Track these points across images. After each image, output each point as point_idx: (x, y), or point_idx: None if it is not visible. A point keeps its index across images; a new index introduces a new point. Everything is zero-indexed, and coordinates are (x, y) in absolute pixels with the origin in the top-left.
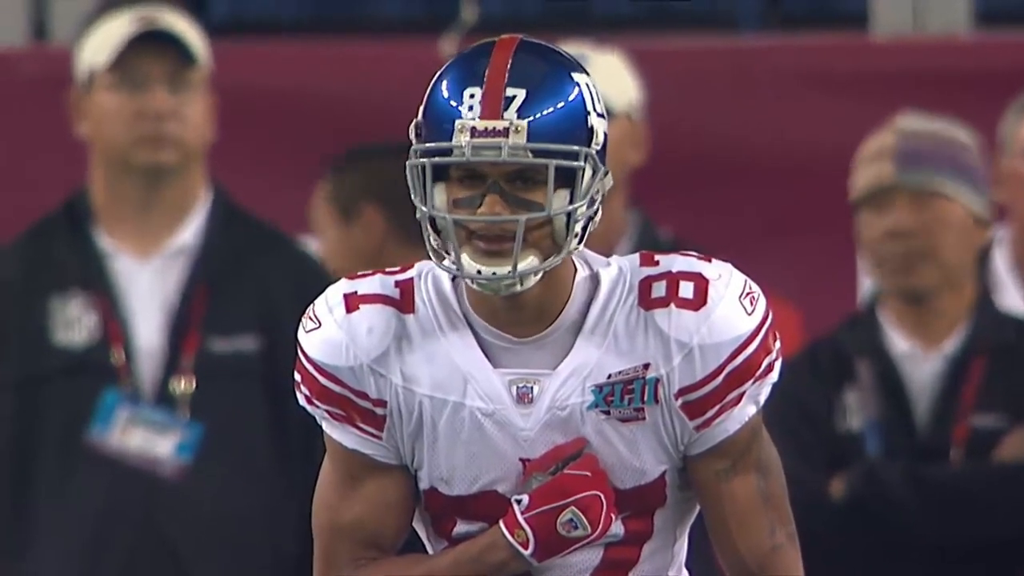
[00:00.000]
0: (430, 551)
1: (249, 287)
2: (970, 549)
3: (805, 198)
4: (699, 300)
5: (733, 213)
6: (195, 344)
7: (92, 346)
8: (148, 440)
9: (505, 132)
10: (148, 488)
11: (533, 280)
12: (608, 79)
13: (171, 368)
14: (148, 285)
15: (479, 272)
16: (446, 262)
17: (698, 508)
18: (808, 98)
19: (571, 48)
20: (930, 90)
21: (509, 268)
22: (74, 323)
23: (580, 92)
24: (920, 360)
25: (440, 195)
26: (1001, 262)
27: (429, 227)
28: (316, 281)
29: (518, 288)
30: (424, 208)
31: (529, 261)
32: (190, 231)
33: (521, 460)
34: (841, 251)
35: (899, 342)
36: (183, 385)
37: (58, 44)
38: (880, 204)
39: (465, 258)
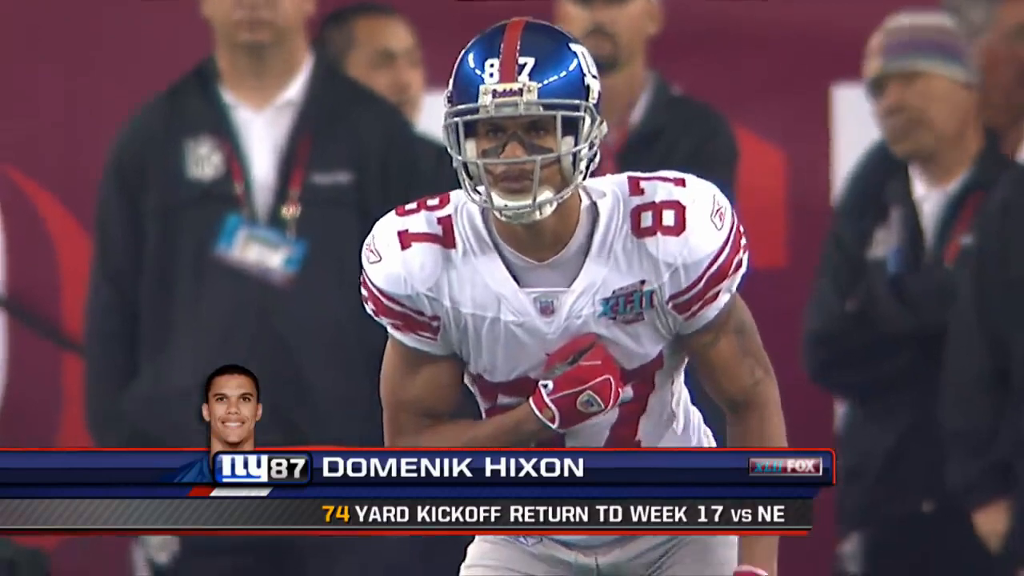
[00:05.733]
0: (482, 409)
1: (344, 132)
2: (940, 335)
3: (795, 63)
4: (679, 226)
5: (731, 75)
6: (300, 177)
7: (218, 179)
8: (262, 255)
9: (520, 92)
10: (262, 293)
11: (549, 210)
12: None
13: (281, 197)
14: (263, 131)
15: (506, 206)
16: (479, 198)
17: (686, 358)
18: None
19: None
20: None
21: (529, 201)
22: (203, 161)
23: (578, 60)
24: (931, 199)
25: (470, 146)
26: None
27: (463, 172)
28: (399, 128)
29: (537, 216)
30: (459, 157)
31: (544, 194)
32: (295, 88)
33: (547, 355)
34: (818, 106)
35: (919, 187)
36: (291, 210)
37: None
38: (878, 91)
39: (495, 196)
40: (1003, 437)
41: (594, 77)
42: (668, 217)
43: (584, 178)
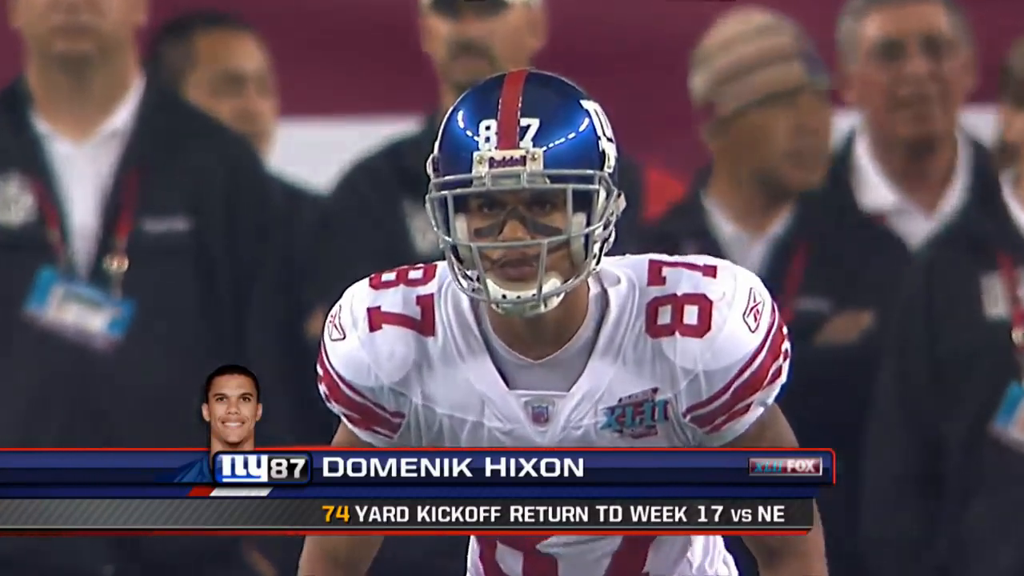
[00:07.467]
0: None
1: (180, 170)
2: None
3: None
4: (703, 326)
5: (630, 104)
6: (128, 224)
7: (28, 225)
8: (81, 316)
9: (522, 160)
10: (81, 361)
11: (555, 302)
12: None
13: (105, 247)
14: (83, 167)
15: (504, 297)
16: (469, 286)
17: None
18: None
19: None
20: None
21: (533, 291)
22: (11, 203)
23: (590, 120)
24: (745, 244)
25: (461, 224)
26: (863, 152)
27: (452, 255)
28: (247, 165)
29: (541, 310)
30: (447, 239)
31: (551, 283)
32: (123, 115)
33: None
34: None
35: (725, 226)
36: (116, 264)
37: None
38: (787, 103)
39: (490, 284)
40: (939, 544)
41: (609, 140)
42: (690, 314)
43: (597, 263)
